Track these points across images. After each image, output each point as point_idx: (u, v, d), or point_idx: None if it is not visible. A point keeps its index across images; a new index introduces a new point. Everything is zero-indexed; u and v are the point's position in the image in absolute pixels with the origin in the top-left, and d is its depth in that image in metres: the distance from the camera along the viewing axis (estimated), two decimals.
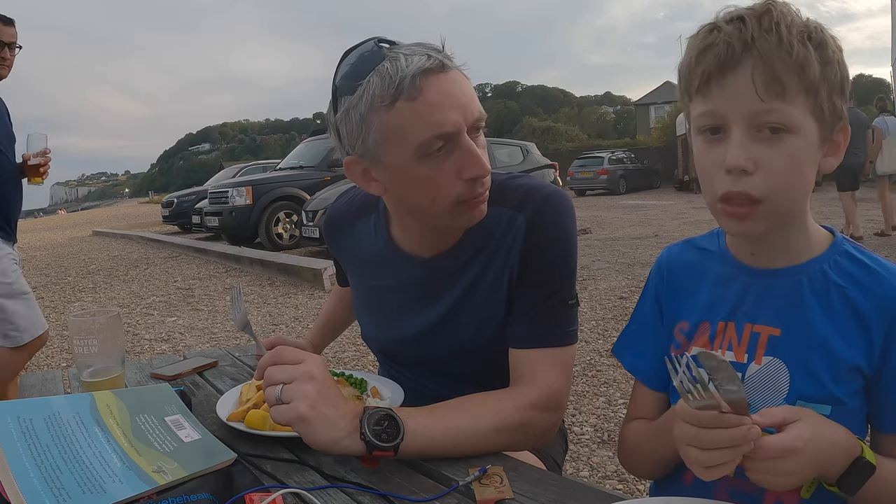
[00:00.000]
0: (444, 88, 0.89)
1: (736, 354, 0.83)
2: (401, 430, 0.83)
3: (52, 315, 5.66)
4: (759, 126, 0.72)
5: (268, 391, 0.83)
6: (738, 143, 0.73)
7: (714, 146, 0.76)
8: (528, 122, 50.25)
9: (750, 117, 0.72)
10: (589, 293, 5.19)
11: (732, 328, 0.84)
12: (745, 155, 0.72)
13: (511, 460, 0.88)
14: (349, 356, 3.90)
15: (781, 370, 0.80)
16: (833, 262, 0.81)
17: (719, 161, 0.74)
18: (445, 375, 1.12)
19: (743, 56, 0.72)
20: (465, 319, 1.06)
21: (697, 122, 0.78)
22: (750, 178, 0.73)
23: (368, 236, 1.15)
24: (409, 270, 1.09)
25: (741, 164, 0.72)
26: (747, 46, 0.71)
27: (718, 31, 0.74)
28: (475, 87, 1.01)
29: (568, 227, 1.02)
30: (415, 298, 1.10)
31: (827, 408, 0.78)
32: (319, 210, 7.73)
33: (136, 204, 51.06)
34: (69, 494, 0.71)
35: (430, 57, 0.89)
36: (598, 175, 21.27)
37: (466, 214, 0.97)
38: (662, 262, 0.96)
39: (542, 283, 1.01)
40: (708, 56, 0.74)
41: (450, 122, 0.88)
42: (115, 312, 1.11)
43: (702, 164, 0.79)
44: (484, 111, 0.95)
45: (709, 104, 0.75)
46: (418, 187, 0.94)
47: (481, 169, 0.91)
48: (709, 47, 0.74)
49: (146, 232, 13.80)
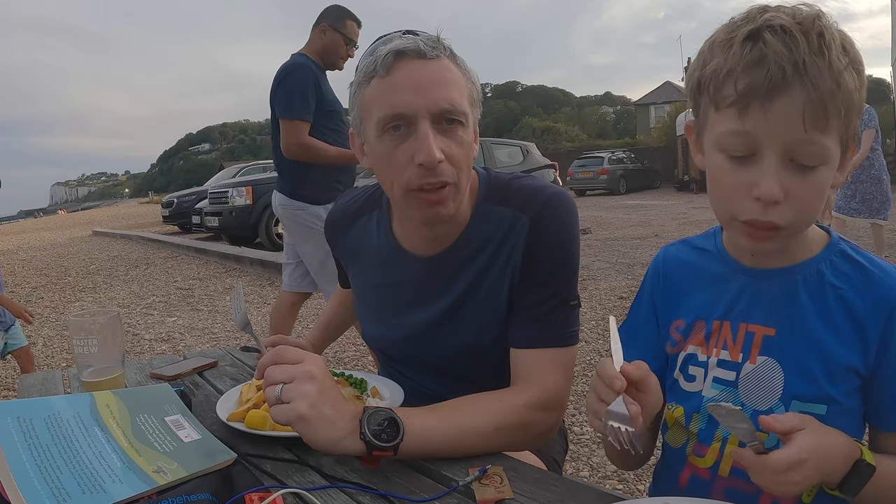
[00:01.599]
0: (413, 73, 0.92)
1: (731, 353, 0.83)
2: (400, 430, 0.83)
3: (52, 315, 5.67)
4: (793, 156, 0.70)
5: (268, 390, 0.83)
6: (773, 173, 0.70)
7: (741, 168, 0.72)
8: (528, 122, 50.25)
9: (788, 147, 0.69)
10: (589, 293, 5.19)
11: (727, 327, 0.84)
12: (780, 186, 0.70)
13: (511, 460, 0.88)
14: (349, 356, 3.90)
15: (776, 370, 0.80)
16: (829, 262, 0.81)
17: (747, 185, 0.72)
18: (446, 375, 1.12)
19: (793, 81, 0.67)
20: (466, 318, 1.06)
21: (724, 139, 0.73)
22: (778, 208, 0.71)
23: (370, 234, 1.15)
24: (410, 268, 1.09)
25: (775, 197, 0.70)
26: (798, 71, 0.67)
27: (765, 45, 0.68)
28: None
29: (571, 229, 1.02)
30: (415, 297, 1.10)
31: (823, 407, 0.78)
32: None
33: (136, 204, 51.06)
34: (69, 494, 0.71)
35: (412, 41, 0.92)
36: (598, 175, 21.26)
37: (419, 208, 0.97)
38: (659, 262, 0.96)
39: (544, 283, 1.01)
40: (755, 74, 0.68)
41: (406, 104, 0.91)
42: (115, 312, 1.11)
43: (724, 184, 0.75)
44: (462, 106, 0.95)
45: (745, 125, 0.70)
46: (381, 166, 0.98)
47: (428, 156, 0.91)
48: (756, 65, 0.68)
49: (146, 232, 13.80)
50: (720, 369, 0.84)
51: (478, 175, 1.08)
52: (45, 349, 4.51)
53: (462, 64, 0.98)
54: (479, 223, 1.05)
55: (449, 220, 1.00)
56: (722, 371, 0.84)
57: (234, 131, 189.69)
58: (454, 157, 0.94)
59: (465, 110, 0.95)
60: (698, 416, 0.86)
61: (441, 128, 0.93)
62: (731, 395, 0.83)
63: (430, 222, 1.01)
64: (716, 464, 0.84)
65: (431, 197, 0.95)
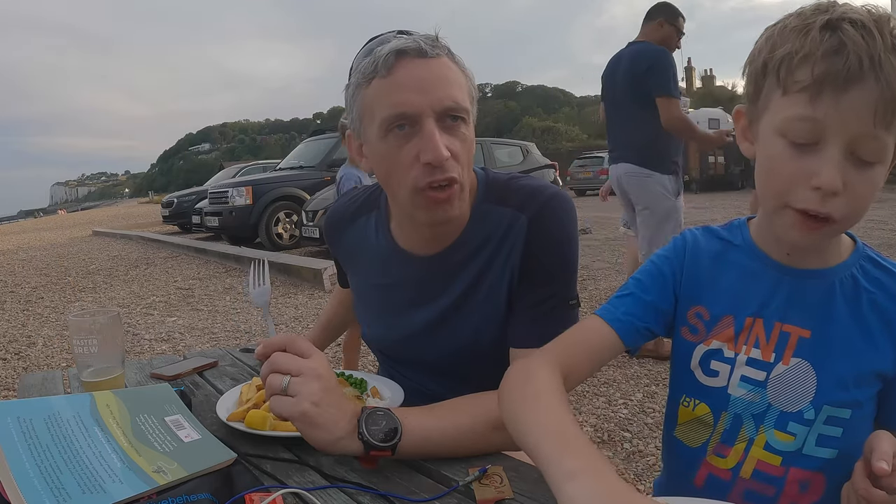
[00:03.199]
0: (416, 72, 0.92)
1: (763, 353, 0.81)
2: (398, 431, 0.83)
3: (52, 315, 5.67)
4: (855, 149, 0.69)
5: (273, 377, 0.81)
6: (836, 164, 0.69)
7: (803, 155, 0.71)
8: (528, 122, 50.27)
9: (854, 140, 0.68)
10: (589, 293, 5.19)
11: (760, 325, 0.82)
12: (841, 177, 0.69)
13: (511, 460, 0.88)
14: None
15: (809, 373, 0.79)
16: (859, 266, 0.81)
17: (806, 174, 0.70)
18: (446, 375, 1.12)
19: (869, 75, 0.66)
20: (465, 318, 1.06)
21: (790, 125, 0.71)
22: (836, 200, 0.70)
23: (369, 235, 1.15)
24: (408, 269, 1.09)
25: (837, 188, 0.69)
26: (874, 65, 0.66)
27: (844, 33, 0.67)
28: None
29: (569, 229, 1.02)
30: (414, 297, 1.10)
31: (848, 412, 0.78)
32: (319, 210, 7.73)
33: (136, 204, 51.06)
34: (69, 494, 0.71)
35: (412, 41, 0.92)
36: (598, 175, 21.24)
37: (427, 208, 0.96)
38: (688, 242, 0.91)
39: (543, 283, 1.01)
40: (832, 61, 0.67)
41: (411, 104, 0.91)
42: (115, 312, 1.11)
43: (781, 170, 0.73)
44: (465, 104, 0.95)
45: (816, 111, 0.69)
46: (385, 166, 0.97)
47: (435, 154, 0.91)
48: (835, 52, 0.67)
49: (146, 232, 13.79)
50: (749, 368, 0.82)
51: (476, 175, 1.08)
52: (45, 349, 4.51)
53: (460, 62, 0.98)
54: (477, 223, 1.05)
55: (454, 220, 1.00)
56: (751, 370, 0.82)
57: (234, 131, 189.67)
58: (459, 155, 0.95)
59: (467, 107, 0.96)
60: (726, 416, 0.84)
61: (445, 125, 0.93)
62: (759, 395, 0.81)
63: (436, 223, 1.00)
64: (738, 465, 0.83)
65: (440, 195, 0.94)
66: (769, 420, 0.81)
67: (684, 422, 0.89)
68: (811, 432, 0.79)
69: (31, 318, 5.58)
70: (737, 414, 0.83)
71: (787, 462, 0.80)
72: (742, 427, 0.83)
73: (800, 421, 0.79)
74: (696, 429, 0.88)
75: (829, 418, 0.79)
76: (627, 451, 2.51)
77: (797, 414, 0.79)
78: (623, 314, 0.87)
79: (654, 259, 0.92)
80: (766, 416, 0.81)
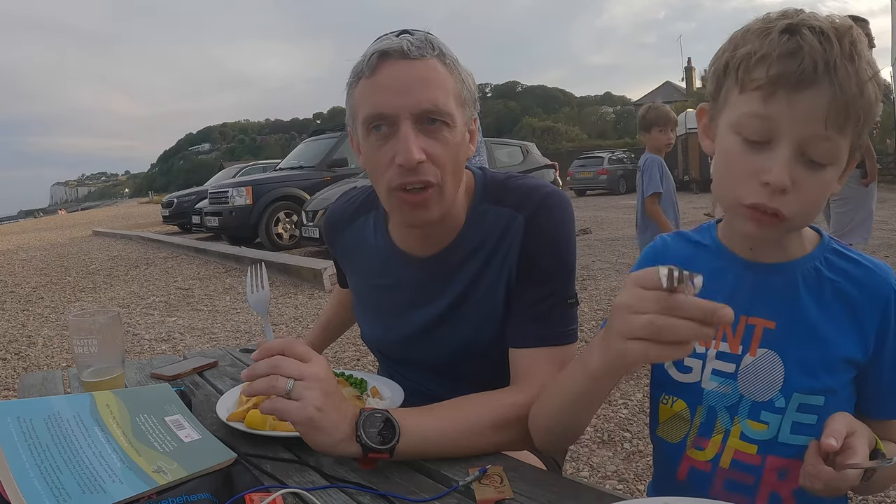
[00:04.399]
0: (397, 73, 0.93)
1: (730, 346, 0.84)
2: (397, 432, 0.83)
3: (52, 315, 5.67)
4: (806, 150, 0.71)
5: (277, 381, 0.81)
6: (785, 162, 0.71)
7: (754, 153, 0.74)
8: (528, 122, 50.27)
9: (805, 140, 0.71)
10: (589, 293, 5.19)
11: None
12: (789, 175, 0.71)
13: (511, 460, 0.88)
14: (349, 356, 3.90)
15: (776, 362, 0.81)
16: (823, 258, 0.83)
17: (756, 170, 0.73)
18: (445, 375, 1.12)
19: (822, 78, 0.69)
20: (464, 318, 1.06)
21: (744, 122, 0.74)
22: (784, 197, 0.73)
23: (367, 236, 1.15)
24: (406, 269, 1.09)
25: (785, 185, 0.71)
26: (828, 70, 0.69)
27: (802, 38, 0.70)
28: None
29: (566, 227, 1.02)
30: (413, 298, 1.10)
31: (821, 399, 0.80)
32: (319, 210, 7.73)
33: (136, 204, 51.05)
34: (69, 494, 0.71)
35: (397, 42, 0.93)
36: (598, 175, 21.27)
37: (403, 210, 0.97)
38: (658, 250, 0.95)
39: (541, 282, 1.01)
40: (787, 62, 0.70)
41: (388, 105, 0.92)
42: (115, 312, 1.11)
43: (734, 165, 0.76)
44: (447, 107, 0.94)
45: (768, 109, 0.71)
46: (368, 165, 0.99)
47: (407, 157, 0.91)
48: (791, 54, 0.70)
49: (146, 232, 13.79)
50: (719, 361, 0.84)
51: (473, 175, 1.08)
52: (45, 349, 4.51)
53: (452, 63, 0.97)
54: (475, 224, 1.05)
55: (434, 223, 1.00)
56: (721, 363, 0.84)
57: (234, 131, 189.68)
58: (438, 158, 0.94)
59: (449, 111, 0.95)
60: (702, 409, 0.86)
61: (424, 128, 0.93)
62: (730, 387, 0.83)
63: (413, 225, 1.01)
64: (717, 456, 0.85)
65: (414, 198, 0.95)
66: (742, 410, 0.83)
67: (665, 420, 0.91)
68: (784, 420, 0.81)
69: (31, 318, 5.58)
70: (711, 406, 0.85)
71: (764, 450, 0.82)
72: (717, 419, 0.85)
73: (771, 409, 0.81)
74: (675, 425, 0.90)
75: (802, 405, 0.80)
76: (627, 451, 2.51)
77: (768, 403, 0.81)
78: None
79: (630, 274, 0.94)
80: (740, 407, 0.83)
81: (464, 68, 0.99)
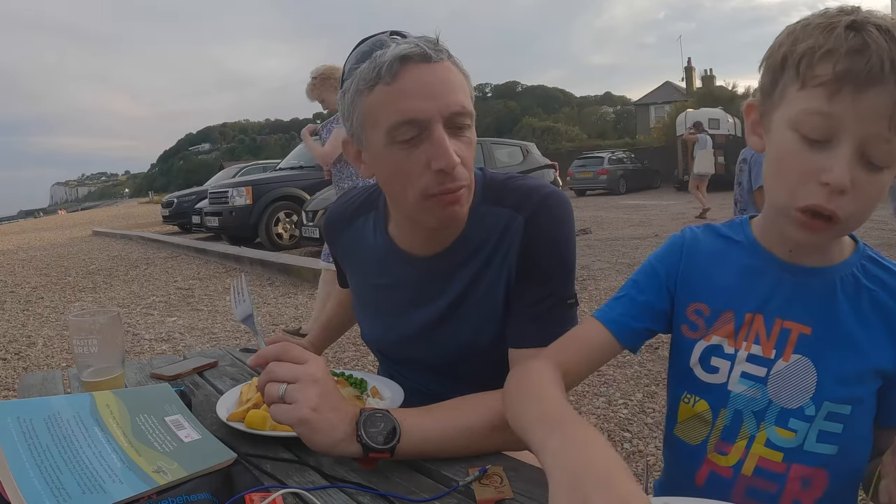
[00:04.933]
0: (422, 77, 0.90)
1: (763, 349, 0.82)
2: (397, 432, 0.83)
3: (52, 315, 5.67)
4: (866, 150, 0.69)
5: (270, 387, 0.82)
6: (847, 161, 0.69)
7: (814, 151, 0.71)
8: (528, 122, 50.22)
9: (866, 140, 0.69)
10: (589, 293, 5.19)
11: (761, 321, 0.82)
12: (851, 176, 0.69)
13: (511, 460, 0.88)
14: (349, 356, 3.90)
15: (809, 369, 0.79)
16: (860, 265, 0.81)
17: (815, 169, 0.71)
18: (444, 375, 1.12)
19: (889, 77, 0.67)
20: (464, 319, 1.06)
21: (805, 119, 0.71)
22: (842, 199, 0.70)
23: (367, 235, 1.15)
24: (407, 269, 1.09)
25: (845, 185, 0.69)
26: (894, 69, 0.67)
27: (868, 35, 0.68)
28: (475, 87, 1.01)
29: (566, 228, 1.02)
30: (413, 297, 1.10)
31: (848, 408, 0.78)
32: (319, 210, 7.72)
33: (136, 204, 51.01)
34: (69, 494, 0.71)
35: (416, 45, 0.90)
36: (598, 175, 21.25)
37: (436, 211, 0.96)
38: (686, 239, 0.91)
39: (541, 282, 1.01)
40: (855, 59, 0.67)
41: (419, 110, 0.90)
42: (115, 312, 1.11)
43: (791, 163, 0.73)
44: (470, 107, 0.95)
45: (832, 107, 0.69)
46: (391, 174, 0.96)
47: (447, 160, 0.90)
48: (858, 51, 0.67)
49: (146, 232, 13.79)
50: (750, 364, 0.82)
51: (474, 176, 1.08)
52: (45, 349, 4.51)
53: (459, 64, 0.97)
54: (475, 224, 1.05)
55: (461, 220, 1.01)
56: (751, 366, 0.82)
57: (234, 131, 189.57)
58: (466, 160, 0.94)
59: (472, 111, 0.96)
60: (725, 412, 0.84)
61: (452, 130, 0.93)
62: (759, 392, 0.82)
63: (445, 225, 1.00)
64: (740, 462, 0.83)
65: (449, 197, 0.94)
66: (770, 417, 0.81)
67: (684, 419, 0.89)
68: (812, 429, 0.79)
69: (31, 318, 5.58)
70: (737, 410, 0.83)
71: (789, 459, 0.80)
72: (743, 424, 0.83)
73: (800, 417, 0.80)
74: (695, 426, 0.88)
75: (830, 414, 0.79)
76: (627, 451, 2.51)
77: (798, 410, 0.79)
78: (618, 315, 0.89)
79: (650, 258, 0.93)
80: (767, 413, 0.81)
81: (465, 67, 1.00)
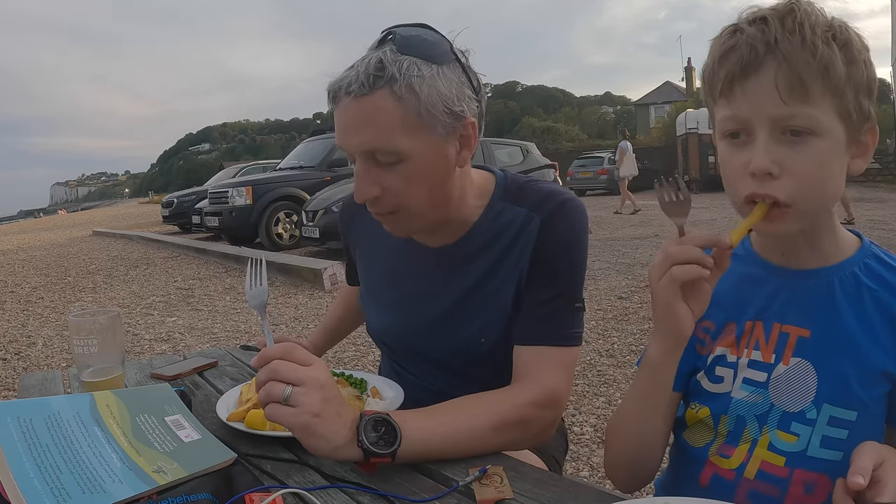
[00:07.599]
0: (344, 114, 0.96)
1: (763, 354, 0.82)
2: (398, 436, 0.82)
3: (52, 315, 5.67)
4: (782, 129, 0.72)
5: (272, 386, 0.80)
6: (762, 146, 0.72)
7: (738, 150, 0.75)
8: (528, 122, 50.25)
9: (773, 121, 0.72)
10: (589, 293, 5.19)
11: (760, 327, 0.83)
12: (770, 158, 0.72)
13: (511, 460, 0.88)
14: (349, 356, 3.90)
15: (809, 372, 0.79)
16: (863, 264, 0.80)
17: (744, 165, 0.74)
18: (449, 371, 1.12)
19: (766, 58, 0.70)
20: (472, 313, 1.07)
21: (721, 126, 0.77)
22: (776, 182, 0.72)
23: (379, 223, 1.15)
24: (419, 259, 1.11)
25: (766, 168, 0.72)
26: (770, 48, 0.70)
27: (741, 32, 0.73)
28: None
29: (579, 233, 1.04)
30: (423, 288, 1.11)
31: (853, 413, 0.77)
32: (319, 210, 7.72)
33: (136, 204, 51.04)
34: (69, 494, 0.71)
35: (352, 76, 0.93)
36: (598, 175, 21.28)
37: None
38: None
39: (551, 283, 1.02)
40: (730, 59, 0.73)
41: (341, 144, 0.98)
42: (115, 312, 1.11)
43: (727, 168, 0.78)
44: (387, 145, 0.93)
45: (732, 108, 0.74)
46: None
47: (357, 196, 0.99)
48: (731, 50, 0.73)
49: (146, 232, 13.79)
50: (751, 370, 0.82)
51: (494, 175, 1.12)
52: (45, 349, 4.51)
53: (413, 85, 0.91)
54: (491, 219, 1.07)
55: (409, 234, 1.08)
56: (753, 372, 0.82)
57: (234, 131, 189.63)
58: (395, 190, 0.97)
59: (393, 148, 0.93)
60: (726, 418, 0.84)
61: (377, 162, 0.96)
62: (760, 396, 0.81)
63: (398, 234, 1.08)
64: (742, 465, 0.83)
65: (381, 219, 1.03)
66: (772, 420, 0.81)
67: (692, 424, 0.90)
68: (814, 433, 0.79)
69: (31, 318, 5.58)
70: (740, 415, 0.83)
71: (792, 463, 0.80)
72: (746, 428, 0.83)
73: (802, 421, 0.79)
74: (699, 431, 0.89)
75: (833, 419, 0.78)
76: None
77: (799, 414, 0.79)
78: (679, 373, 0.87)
79: None
80: (769, 417, 0.81)
81: (435, 84, 0.93)
